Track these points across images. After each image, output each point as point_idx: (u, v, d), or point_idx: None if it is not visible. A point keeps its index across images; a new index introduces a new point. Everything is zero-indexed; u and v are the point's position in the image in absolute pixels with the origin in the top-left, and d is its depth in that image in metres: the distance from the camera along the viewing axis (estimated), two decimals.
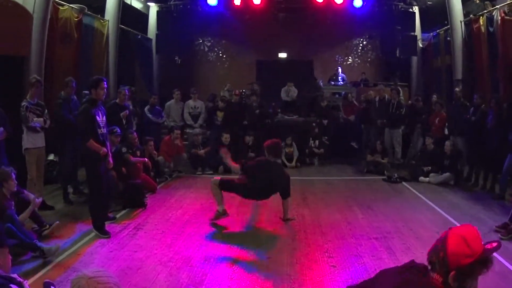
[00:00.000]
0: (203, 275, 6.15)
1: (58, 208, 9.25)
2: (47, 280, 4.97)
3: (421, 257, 6.79)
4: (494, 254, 6.63)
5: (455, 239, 2.39)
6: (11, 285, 3.98)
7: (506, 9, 12.52)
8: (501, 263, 6.54)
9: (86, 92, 8.76)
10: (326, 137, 15.60)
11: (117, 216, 8.82)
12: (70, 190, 10.16)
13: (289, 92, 17.92)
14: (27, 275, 5.84)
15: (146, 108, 14.33)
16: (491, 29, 13.47)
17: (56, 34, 11.99)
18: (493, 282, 5.52)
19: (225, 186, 8.51)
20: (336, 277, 6.18)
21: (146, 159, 10.80)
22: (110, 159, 7.94)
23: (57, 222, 7.70)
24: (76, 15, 13.03)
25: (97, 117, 7.63)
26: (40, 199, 7.49)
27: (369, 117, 15.53)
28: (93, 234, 7.69)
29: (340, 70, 20.86)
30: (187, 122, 14.88)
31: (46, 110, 9.26)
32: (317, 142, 15.27)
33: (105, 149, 7.61)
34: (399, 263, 6.62)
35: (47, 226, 7.51)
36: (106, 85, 7.82)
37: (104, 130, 7.81)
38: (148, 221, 8.62)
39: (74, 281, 2.25)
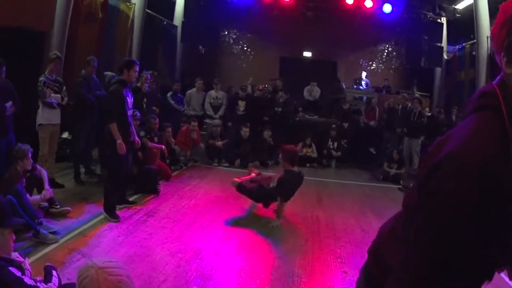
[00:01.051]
0: (212, 270, 6.04)
1: (68, 187, 9.20)
2: (48, 264, 4.86)
3: None
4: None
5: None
6: (10, 267, 3.86)
7: None
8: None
9: (108, 73, 8.57)
10: (345, 140, 15.48)
11: (130, 199, 8.75)
12: (82, 170, 10.10)
13: (312, 91, 17.87)
14: (29, 253, 5.78)
15: (168, 95, 14.27)
16: None
17: (81, 12, 11.94)
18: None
19: (242, 190, 8.72)
20: (347, 284, 6.05)
21: (163, 146, 10.70)
22: (137, 138, 8.05)
23: (69, 208, 7.62)
24: None
25: (128, 99, 7.64)
26: (51, 191, 7.39)
27: (391, 124, 15.39)
28: (102, 216, 7.63)
29: (364, 74, 20.73)
30: (207, 112, 14.81)
31: (64, 87, 9.20)
32: (335, 144, 15.13)
33: (121, 142, 7.49)
34: None
35: (58, 205, 7.48)
36: (138, 69, 7.84)
37: (131, 112, 7.84)
38: (160, 209, 8.53)
39: (83, 269, 2.13)
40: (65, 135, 11.08)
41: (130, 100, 7.73)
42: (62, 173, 10.00)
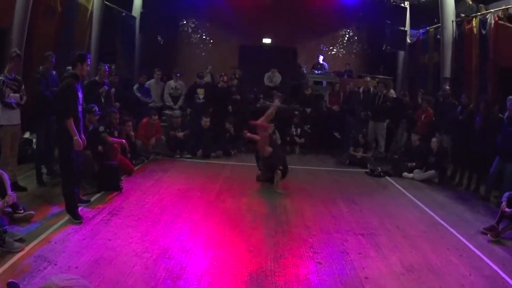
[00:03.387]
0: (181, 269, 5.82)
1: (30, 190, 8.82)
2: (11, 280, 4.59)
3: (410, 256, 6.66)
4: (484, 258, 6.38)
5: None
6: None
7: (500, 13, 12.65)
8: (490, 266, 6.49)
9: (69, 68, 8.09)
10: (308, 126, 15.29)
11: (92, 199, 8.46)
12: (44, 170, 9.74)
13: (273, 78, 17.67)
14: None
15: (135, 87, 14.06)
16: (483, 32, 13.55)
17: (40, 7, 11.53)
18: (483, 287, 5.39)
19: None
20: (323, 275, 5.88)
21: (123, 140, 10.41)
22: (83, 137, 7.52)
23: (32, 212, 7.28)
24: None
25: (79, 93, 7.33)
26: (14, 196, 7.04)
27: (352, 108, 15.41)
28: (65, 218, 7.32)
29: (322, 58, 20.68)
30: (166, 103, 14.63)
31: (23, 86, 8.81)
32: (299, 130, 14.97)
33: (78, 138, 7.19)
34: (387, 261, 6.43)
35: (21, 210, 7.17)
36: (89, 62, 7.58)
37: (81, 108, 7.53)
38: (124, 206, 8.25)
39: None
40: (27, 135, 10.71)
41: (81, 95, 7.46)
42: (24, 175, 9.57)
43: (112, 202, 8.46)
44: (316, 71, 19.75)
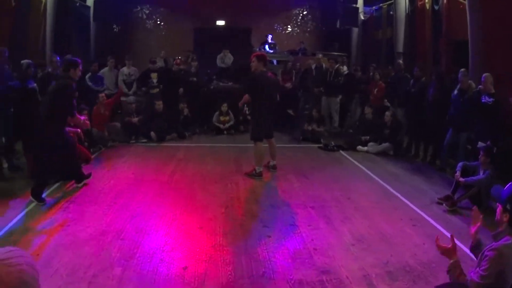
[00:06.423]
0: (134, 248, 5.89)
1: None
2: None
3: (361, 227, 6.65)
4: (440, 228, 6.36)
5: None
6: None
7: None
8: (446, 236, 6.34)
9: (24, 61, 8.77)
10: None
11: (50, 190, 8.37)
12: (5, 165, 9.61)
13: (225, 59, 17.61)
14: None
15: (87, 76, 13.77)
16: (436, 7, 13.94)
17: None
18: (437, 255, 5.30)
19: None
20: (271, 247, 5.97)
21: (79, 129, 10.18)
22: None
23: None
24: None
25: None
26: None
27: (306, 84, 15.50)
28: (25, 211, 7.26)
29: (270, 37, 20.61)
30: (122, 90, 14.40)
31: None
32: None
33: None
34: (337, 232, 6.43)
35: None
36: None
37: None
38: (81, 193, 8.24)
39: None
40: None
41: None
42: None
43: (70, 190, 8.42)
44: (269, 50, 19.62)
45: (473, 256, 3.85)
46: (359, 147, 12.20)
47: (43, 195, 7.66)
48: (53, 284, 4.85)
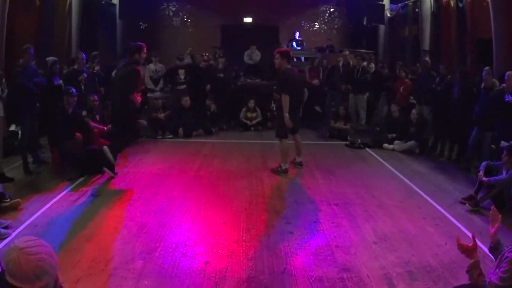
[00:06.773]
0: (157, 242, 5.96)
1: (18, 180, 8.82)
2: None
3: (383, 225, 6.65)
4: (462, 228, 6.33)
5: None
6: None
7: None
8: (468, 236, 6.32)
9: (49, 58, 9.16)
10: None
11: (75, 184, 8.55)
12: (30, 159, 9.76)
13: (252, 55, 17.63)
14: None
15: (113, 73, 13.76)
16: (460, 5, 13.81)
17: (18, 2, 11.62)
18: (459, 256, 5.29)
19: None
20: (293, 244, 5.97)
21: (105, 127, 10.46)
22: None
23: (18, 200, 7.31)
24: None
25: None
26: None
27: (333, 82, 15.47)
28: (49, 204, 7.40)
29: (298, 34, 20.69)
30: (148, 86, 14.53)
31: (3, 79, 8.92)
32: None
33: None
34: (360, 230, 6.43)
35: (8, 199, 7.19)
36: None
37: None
38: (105, 188, 8.39)
39: (7, 253, 2.13)
40: (13, 127, 10.71)
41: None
42: (11, 166, 9.57)
43: (95, 185, 8.56)
44: (297, 47, 19.71)
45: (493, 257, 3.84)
46: (385, 145, 12.12)
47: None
48: (74, 275, 4.95)
